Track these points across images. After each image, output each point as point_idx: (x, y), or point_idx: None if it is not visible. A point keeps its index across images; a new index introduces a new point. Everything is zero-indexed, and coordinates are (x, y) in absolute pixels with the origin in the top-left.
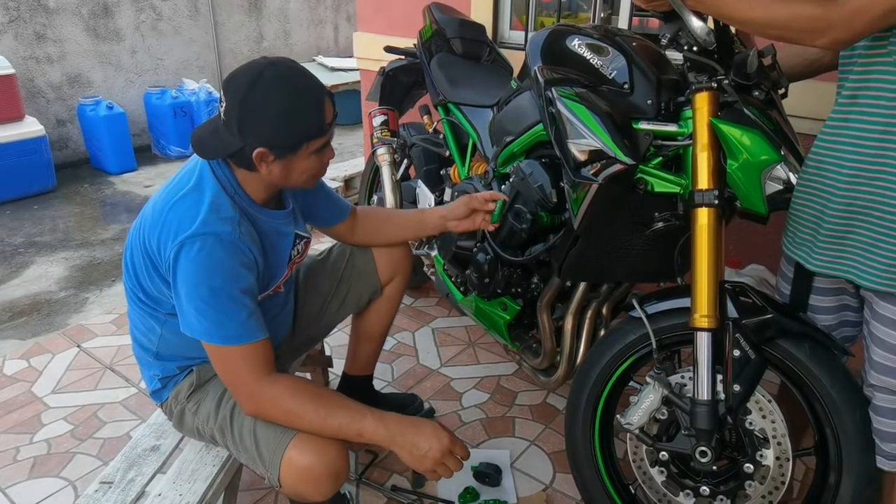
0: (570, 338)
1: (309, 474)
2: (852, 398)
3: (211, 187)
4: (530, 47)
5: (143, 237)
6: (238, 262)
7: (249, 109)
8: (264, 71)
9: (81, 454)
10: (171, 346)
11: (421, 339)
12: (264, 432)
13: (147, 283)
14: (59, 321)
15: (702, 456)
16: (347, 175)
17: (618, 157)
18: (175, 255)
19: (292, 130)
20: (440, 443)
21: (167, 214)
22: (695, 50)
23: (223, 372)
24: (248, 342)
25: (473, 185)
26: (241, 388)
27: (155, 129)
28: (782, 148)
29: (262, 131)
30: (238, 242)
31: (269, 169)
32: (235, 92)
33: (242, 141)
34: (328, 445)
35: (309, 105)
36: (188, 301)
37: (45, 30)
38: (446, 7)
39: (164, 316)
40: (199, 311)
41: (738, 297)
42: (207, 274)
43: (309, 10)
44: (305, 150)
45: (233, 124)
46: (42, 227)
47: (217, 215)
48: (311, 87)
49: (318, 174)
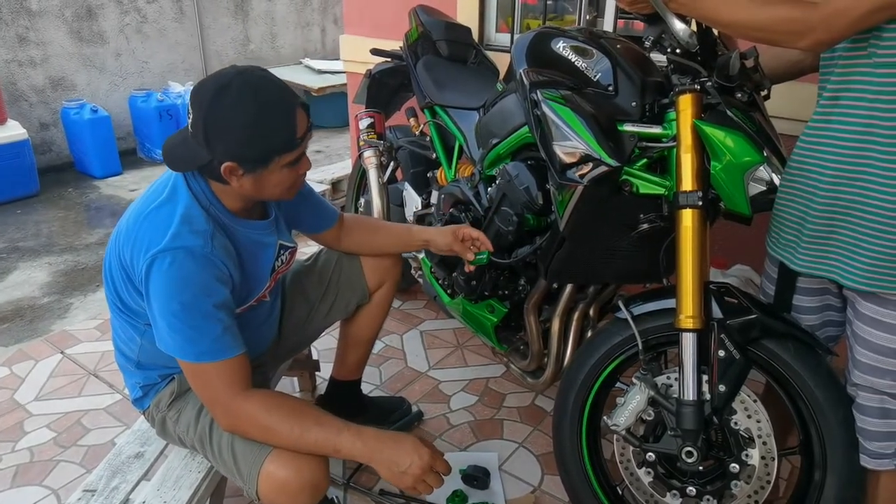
0: (558, 339)
1: (286, 488)
2: (836, 397)
3: (184, 199)
4: (515, 50)
5: (119, 249)
6: (211, 275)
7: (215, 122)
8: (231, 81)
9: (65, 462)
10: (151, 355)
11: (409, 341)
12: (242, 446)
13: (125, 295)
14: (43, 327)
15: (688, 456)
16: (334, 178)
17: (603, 159)
18: (147, 270)
19: (261, 145)
20: (420, 459)
21: (140, 227)
22: (678, 52)
23: (198, 388)
24: (223, 359)
25: (460, 187)
26: (216, 405)
27: (140, 133)
28: (765, 149)
29: (230, 145)
30: (211, 256)
31: (240, 183)
32: (201, 103)
33: (210, 154)
34: (306, 459)
35: (278, 118)
36: (161, 316)
37: (27, 32)
38: (432, 10)
39: (143, 326)
40: (172, 327)
41: (723, 297)
42: (178, 289)
43: (296, 13)
44: (276, 164)
45: (199, 137)
46: (25, 231)
47: (189, 228)
48: (282, 97)
49: (295, 186)
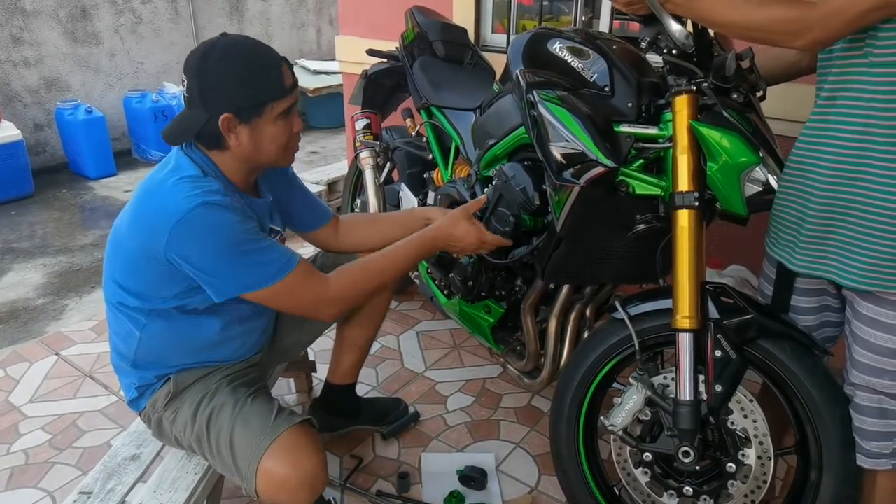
0: (554, 340)
1: (285, 484)
2: (832, 397)
3: (190, 169)
4: (512, 51)
5: (128, 241)
6: (240, 213)
7: (207, 78)
8: (216, 43)
9: (60, 464)
10: (148, 351)
11: (405, 342)
12: (241, 442)
13: (134, 283)
14: (37, 329)
15: (685, 456)
16: (330, 178)
17: (599, 160)
18: (177, 241)
19: (253, 91)
20: (469, 235)
21: (152, 203)
22: (674, 53)
23: (290, 304)
24: (295, 265)
25: (457, 188)
26: (318, 304)
27: (135, 134)
28: (761, 150)
29: (224, 96)
30: (230, 206)
31: (238, 139)
32: (191, 68)
33: (207, 112)
34: (304, 455)
35: (266, 66)
36: (219, 265)
37: (21, 33)
38: (428, 10)
39: (145, 319)
40: (235, 268)
41: (720, 297)
42: (221, 233)
43: (291, 14)
44: (270, 113)
45: (195, 99)
46: (20, 233)
47: (202, 189)
48: (266, 51)
49: (290, 147)
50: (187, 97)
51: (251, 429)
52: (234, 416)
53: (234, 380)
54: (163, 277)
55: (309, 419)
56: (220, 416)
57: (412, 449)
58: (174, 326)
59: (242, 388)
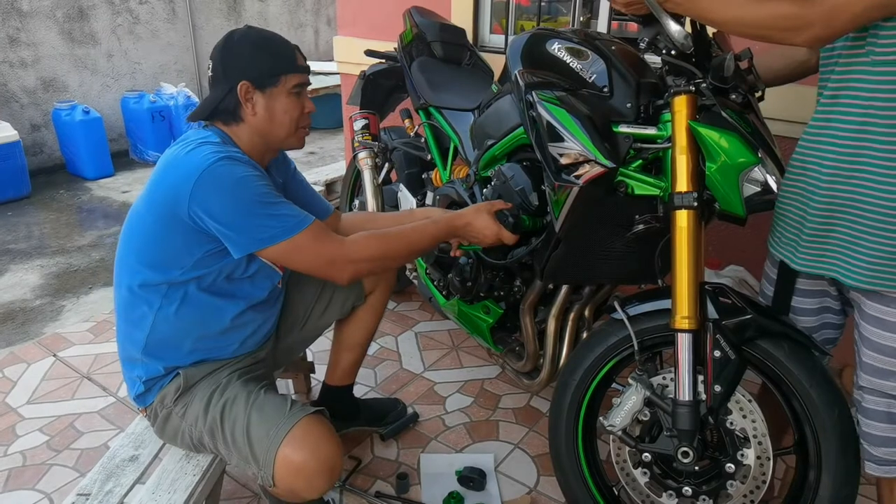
0: (553, 340)
1: (303, 471)
2: (831, 397)
3: (213, 138)
4: (511, 51)
5: (150, 210)
6: (258, 171)
7: (228, 53)
8: (238, 29)
9: (58, 466)
10: (161, 336)
11: (404, 343)
12: (257, 430)
13: (155, 253)
14: (35, 330)
15: (684, 456)
16: (328, 179)
17: (598, 160)
18: (200, 193)
19: (269, 60)
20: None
21: (174, 171)
22: (673, 54)
23: (305, 262)
24: (310, 222)
25: (455, 188)
26: (333, 264)
27: (132, 134)
28: (759, 150)
29: (242, 64)
30: (252, 164)
31: (253, 109)
32: (216, 50)
33: (227, 83)
34: (323, 443)
35: (280, 43)
36: (239, 218)
37: (18, 33)
38: (427, 11)
39: (163, 297)
40: (252, 220)
41: (718, 298)
42: (243, 186)
43: (289, 14)
44: (284, 84)
45: (219, 75)
46: (17, 234)
47: (223, 149)
48: (281, 37)
49: (301, 126)
50: (211, 76)
51: (267, 417)
52: (248, 407)
53: (244, 374)
54: (186, 240)
55: (322, 410)
56: (234, 407)
57: (411, 450)
58: (189, 308)
59: (253, 381)
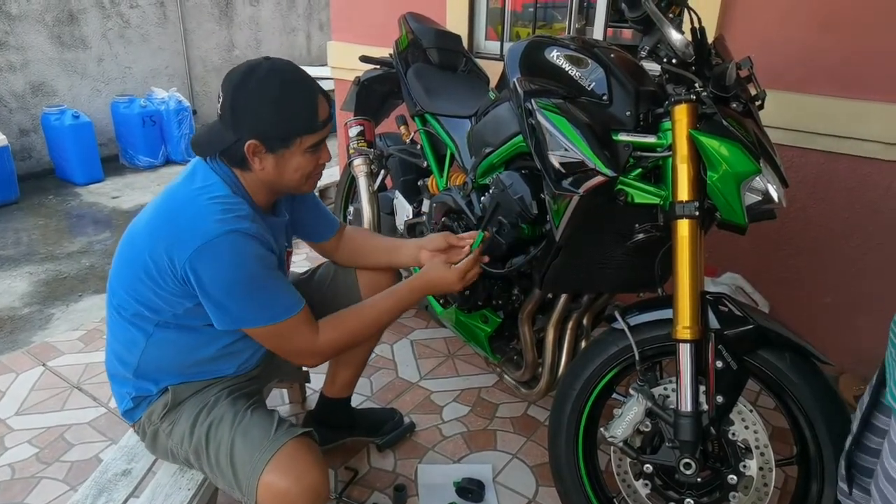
0: (552, 349)
1: (287, 498)
2: (833, 408)
3: (219, 188)
4: (509, 58)
5: (146, 251)
6: (262, 247)
7: (242, 99)
8: (260, 64)
9: (48, 479)
10: (152, 361)
11: (400, 351)
12: (241, 455)
13: (147, 295)
14: (23, 339)
15: (686, 468)
16: (322, 185)
17: (598, 169)
18: (198, 260)
19: (284, 123)
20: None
21: (177, 220)
22: (674, 62)
23: (279, 346)
24: (297, 311)
25: (452, 195)
26: (303, 354)
27: (123, 139)
28: (761, 159)
29: (254, 121)
30: (257, 234)
31: (262, 164)
32: (230, 84)
33: (236, 134)
34: (306, 468)
35: (301, 98)
36: (226, 297)
37: (6, 37)
38: (422, 17)
39: (153, 328)
40: (241, 302)
41: (719, 307)
42: (240, 267)
43: (281, 19)
44: (298, 146)
45: (227, 117)
46: (5, 240)
47: (233, 214)
48: (306, 81)
49: (313, 177)
50: (220, 113)
51: (251, 441)
52: (233, 429)
53: (233, 391)
54: (176, 290)
55: (309, 431)
56: (219, 429)
57: (408, 460)
58: (181, 338)
59: (241, 399)
